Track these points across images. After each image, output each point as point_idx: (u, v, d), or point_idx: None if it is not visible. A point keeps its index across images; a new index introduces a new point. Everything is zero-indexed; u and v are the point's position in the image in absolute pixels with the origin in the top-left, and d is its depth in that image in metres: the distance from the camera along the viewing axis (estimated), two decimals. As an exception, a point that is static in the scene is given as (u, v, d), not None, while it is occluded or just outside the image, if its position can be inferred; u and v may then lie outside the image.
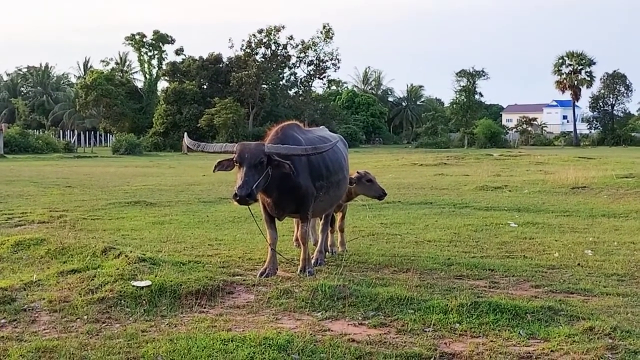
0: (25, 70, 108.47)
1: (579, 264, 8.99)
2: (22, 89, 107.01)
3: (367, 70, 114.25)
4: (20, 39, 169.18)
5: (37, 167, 33.53)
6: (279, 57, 79.32)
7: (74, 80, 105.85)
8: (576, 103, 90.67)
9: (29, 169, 30.82)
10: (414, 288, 7.27)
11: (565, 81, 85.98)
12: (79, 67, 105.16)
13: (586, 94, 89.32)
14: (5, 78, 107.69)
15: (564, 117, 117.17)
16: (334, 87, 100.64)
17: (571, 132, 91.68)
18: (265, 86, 79.33)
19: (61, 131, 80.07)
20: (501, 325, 6.11)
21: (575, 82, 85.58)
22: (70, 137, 72.17)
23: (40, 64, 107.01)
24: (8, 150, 49.88)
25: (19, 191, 18.93)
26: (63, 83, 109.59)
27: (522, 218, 13.49)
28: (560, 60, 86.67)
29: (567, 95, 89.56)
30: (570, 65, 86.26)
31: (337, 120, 79.75)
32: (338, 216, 10.02)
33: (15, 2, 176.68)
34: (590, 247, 10.26)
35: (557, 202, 16.43)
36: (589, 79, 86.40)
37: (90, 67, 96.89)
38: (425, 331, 6.02)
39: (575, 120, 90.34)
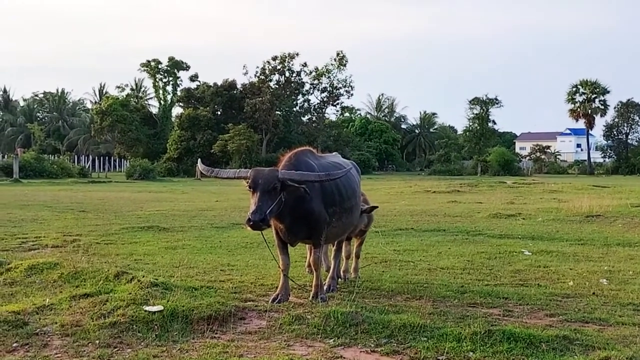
0: (42, 95, 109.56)
1: (594, 293, 8.90)
2: (38, 114, 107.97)
3: (380, 98, 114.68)
4: (37, 64, 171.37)
5: (52, 191, 33.71)
6: (292, 84, 79.82)
7: (89, 105, 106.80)
8: (590, 131, 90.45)
9: (43, 194, 30.98)
10: (427, 315, 7.23)
11: (579, 110, 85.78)
12: (95, 92, 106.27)
13: (600, 122, 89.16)
14: (22, 103, 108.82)
15: (578, 146, 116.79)
16: (347, 114, 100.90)
17: (585, 160, 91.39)
18: (278, 112, 79.68)
19: (76, 156, 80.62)
20: (515, 354, 6.04)
21: (589, 111, 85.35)
22: (84, 162, 72.69)
23: (57, 90, 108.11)
24: (23, 175, 50.16)
25: (33, 215, 19.02)
26: (79, 109, 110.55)
27: (536, 246, 13.40)
28: (574, 89, 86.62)
29: (581, 124, 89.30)
30: (584, 93, 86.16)
31: (350, 147, 79.92)
32: (356, 241, 9.99)
33: (33, 29, 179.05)
34: (605, 276, 10.17)
35: (572, 230, 16.31)
36: (602, 107, 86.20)
37: (106, 92, 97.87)
38: (439, 359, 5.97)
39: (589, 149, 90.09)
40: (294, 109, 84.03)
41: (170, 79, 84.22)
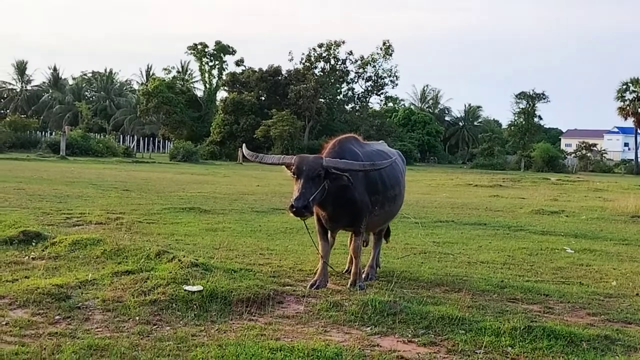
0: (90, 75, 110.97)
1: (637, 294, 8.74)
2: (86, 93, 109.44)
3: (425, 89, 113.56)
4: (87, 45, 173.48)
5: (97, 169, 34.28)
6: (337, 72, 79.62)
7: (136, 86, 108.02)
8: (639, 130, 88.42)
9: (88, 171, 31.51)
10: (465, 308, 7.17)
11: (628, 108, 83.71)
12: (142, 74, 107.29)
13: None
14: (70, 82, 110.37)
15: (626, 145, 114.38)
16: (390, 104, 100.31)
17: (632, 159, 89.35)
18: (322, 100, 79.57)
19: (121, 136, 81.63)
20: (555, 352, 5.96)
21: (639, 109, 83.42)
22: (129, 142, 73.59)
23: (105, 70, 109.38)
24: (70, 152, 51.11)
25: (78, 192, 19.36)
26: (125, 89, 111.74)
27: (579, 244, 13.19)
28: (624, 87, 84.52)
29: (630, 123, 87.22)
30: (634, 91, 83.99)
31: (392, 137, 79.34)
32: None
33: (84, 12, 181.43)
34: (650, 277, 9.96)
35: (616, 230, 16.02)
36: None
37: (153, 74, 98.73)
38: (476, 353, 5.92)
39: (637, 148, 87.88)
40: (338, 97, 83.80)
41: (216, 62, 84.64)
